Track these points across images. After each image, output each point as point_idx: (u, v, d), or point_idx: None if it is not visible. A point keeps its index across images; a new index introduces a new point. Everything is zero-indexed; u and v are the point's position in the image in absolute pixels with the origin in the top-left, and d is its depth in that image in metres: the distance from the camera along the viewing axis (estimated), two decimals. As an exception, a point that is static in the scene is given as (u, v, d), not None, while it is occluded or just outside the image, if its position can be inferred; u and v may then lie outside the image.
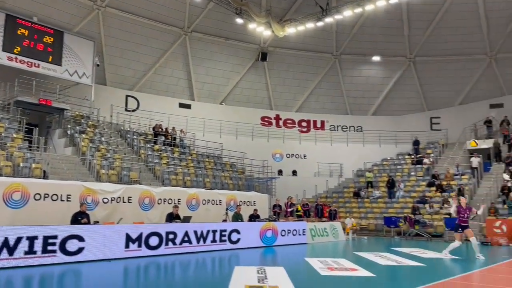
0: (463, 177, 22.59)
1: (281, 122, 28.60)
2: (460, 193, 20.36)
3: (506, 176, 20.30)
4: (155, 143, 21.69)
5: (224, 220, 14.86)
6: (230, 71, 27.27)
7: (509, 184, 19.60)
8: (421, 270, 9.69)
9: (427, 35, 26.90)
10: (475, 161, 22.95)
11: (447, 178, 22.72)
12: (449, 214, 19.51)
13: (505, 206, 18.75)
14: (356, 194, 24.53)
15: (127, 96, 24.21)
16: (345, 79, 28.84)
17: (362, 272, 8.90)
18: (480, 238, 17.53)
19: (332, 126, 29.05)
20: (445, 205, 20.07)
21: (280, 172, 26.18)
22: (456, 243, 11.95)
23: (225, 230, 13.32)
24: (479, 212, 13.13)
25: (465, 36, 26.32)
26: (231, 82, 27.60)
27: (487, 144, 24.36)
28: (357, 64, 28.84)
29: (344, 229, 19.03)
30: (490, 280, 8.59)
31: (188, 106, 26.02)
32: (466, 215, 11.87)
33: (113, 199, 13.14)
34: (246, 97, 28.17)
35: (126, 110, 23.72)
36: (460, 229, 11.89)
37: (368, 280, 8.21)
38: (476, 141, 17.90)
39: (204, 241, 12.62)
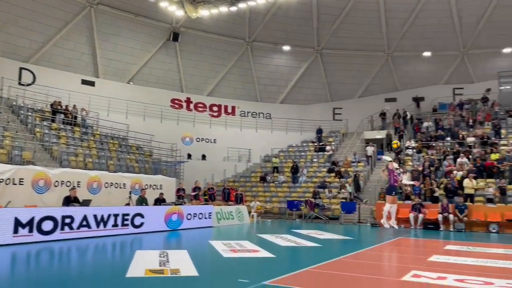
0: (359, 164, 24.46)
1: (192, 106, 28.24)
2: (356, 179, 22.07)
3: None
4: (53, 121, 20.06)
5: (127, 204, 14.39)
6: (139, 49, 26.10)
7: (397, 172, 21.61)
8: (317, 250, 10.37)
9: (333, 29, 28.33)
10: (370, 150, 24.96)
11: (345, 165, 24.42)
12: (347, 196, 21.08)
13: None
14: (263, 179, 25.30)
15: (21, 68, 21.94)
16: (256, 66, 29.30)
17: (263, 253, 9.25)
18: (370, 220, 19.28)
19: (243, 112, 29.43)
20: (342, 190, 21.60)
21: (189, 156, 25.94)
22: (388, 206, 12.58)
23: (127, 214, 12.87)
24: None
25: (367, 33, 28.21)
26: (140, 60, 26.44)
27: (381, 134, 26.62)
28: (268, 52, 29.45)
29: (249, 212, 19.55)
30: (375, 258, 9.48)
31: (91, 83, 24.43)
32: (395, 173, 12.65)
33: (1, 180, 11.97)
34: (155, 77, 27.24)
35: (20, 84, 21.53)
36: (393, 192, 12.49)
37: (268, 260, 8.56)
38: (398, 142, 19.22)
39: (105, 226, 12.08)
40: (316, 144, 28.14)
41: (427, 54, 28.36)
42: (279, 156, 27.50)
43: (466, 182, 18.62)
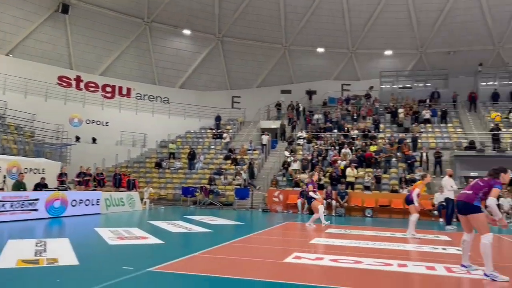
0: (254, 152, 25.20)
1: (82, 85, 26.31)
2: (251, 166, 22.71)
3: (286, 153, 23.55)
4: None
5: (1, 189, 12.99)
6: (21, 19, 23.49)
7: (289, 160, 22.80)
8: (207, 235, 10.48)
9: (235, 17, 28.57)
10: (265, 138, 25.85)
11: (241, 153, 24.99)
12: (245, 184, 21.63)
13: (284, 178, 21.80)
14: (158, 165, 24.73)
15: None
16: (155, 48, 28.34)
17: (152, 240, 9.06)
18: (262, 206, 20.06)
19: (139, 95, 28.31)
20: (237, 177, 22.08)
21: (77, 138, 24.24)
22: (322, 207, 12.65)
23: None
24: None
25: (266, 25, 29.01)
26: (22, 31, 23.82)
27: (276, 124, 27.72)
28: (168, 35, 28.67)
29: (142, 199, 19.00)
30: (262, 242, 9.88)
31: (-40, 52, 21.44)
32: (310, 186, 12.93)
33: None
34: (41, 51, 24.79)
35: None
36: (313, 199, 12.62)
37: (156, 247, 8.41)
38: (499, 114, 19.26)
39: (-28, 213, 10.77)
40: (214, 131, 28.28)
41: (320, 50, 30.13)
42: (176, 142, 27.11)
43: (348, 171, 20.33)
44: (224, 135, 27.46)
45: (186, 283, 5.55)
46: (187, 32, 28.59)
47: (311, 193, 12.55)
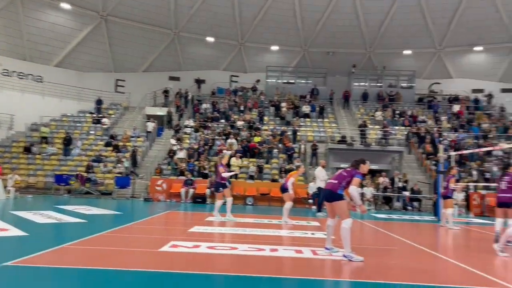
0: (138, 139, 24.31)
1: None
2: (134, 154, 21.87)
3: (173, 141, 23.19)
4: None
5: None
6: None
7: (175, 148, 22.48)
8: (80, 226, 9.83)
9: (121, -4, 27.02)
10: (151, 125, 25.10)
11: (124, 140, 23.89)
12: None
13: (169, 167, 21.46)
14: (27, 150, 22.43)
15: None
16: (26, 20, 25.40)
17: (13, 232, 8.18)
18: (144, 195, 19.50)
19: (6, 71, 25.20)
20: (119, 165, 21.09)
21: None
22: (220, 202, 11.78)
23: None
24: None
25: (156, 8, 28.01)
26: None
27: (162, 111, 27.06)
28: (44, 6, 25.93)
29: (5, 187, 17.04)
30: (140, 231, 9.59)
31: None
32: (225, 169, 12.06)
33: None
34: None
35: None
36: (221, 188, 11.72)
37: (17, 239, 7.62)
38: None
39: None
40: (94, 115, 26.53)
41: (210, 39, 30.11)
42: (49, 125, 24.84)
43: (233, 160, 20.79)
44: (103, 120, 25.88)
45: (50, 277, 5.12)
46: (66, 6, 26.13)
47: (224, 174, 11.75)
